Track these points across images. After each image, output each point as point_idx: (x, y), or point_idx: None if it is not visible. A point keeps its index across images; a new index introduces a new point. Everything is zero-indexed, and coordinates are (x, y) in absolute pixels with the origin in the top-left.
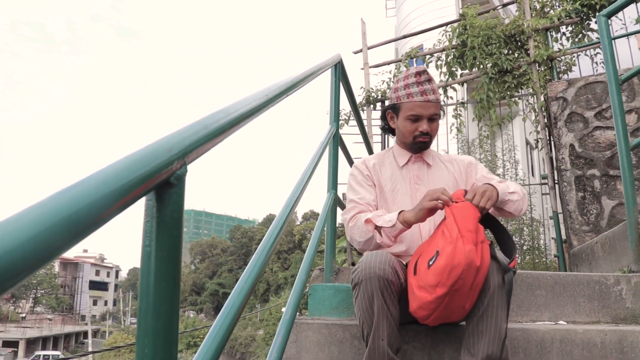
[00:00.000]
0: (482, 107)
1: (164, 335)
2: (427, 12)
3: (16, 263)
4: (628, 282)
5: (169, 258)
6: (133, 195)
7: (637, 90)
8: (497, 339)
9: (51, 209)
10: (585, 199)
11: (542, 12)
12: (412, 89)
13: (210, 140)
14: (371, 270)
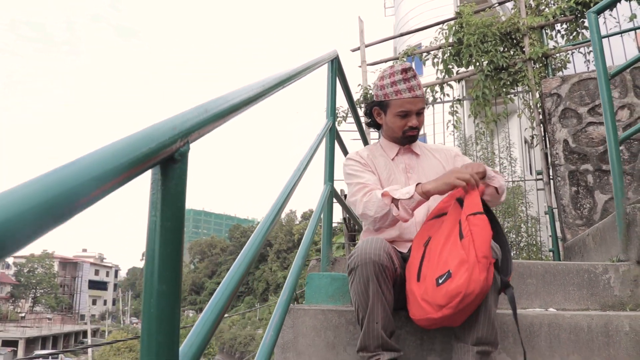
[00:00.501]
0: (478, 104)
1: (168, 296)
2: (425, 10)
3: (38, 218)
4: (616, 270)
5: (173, 227)
6: (140, 168)
7: (630, 87)
8: (488, 323)
9: (68, 174)
10: (579, 194)
11: (538, 10)
12: (399, 85)
13: (210, 123)
14: (367, 256)
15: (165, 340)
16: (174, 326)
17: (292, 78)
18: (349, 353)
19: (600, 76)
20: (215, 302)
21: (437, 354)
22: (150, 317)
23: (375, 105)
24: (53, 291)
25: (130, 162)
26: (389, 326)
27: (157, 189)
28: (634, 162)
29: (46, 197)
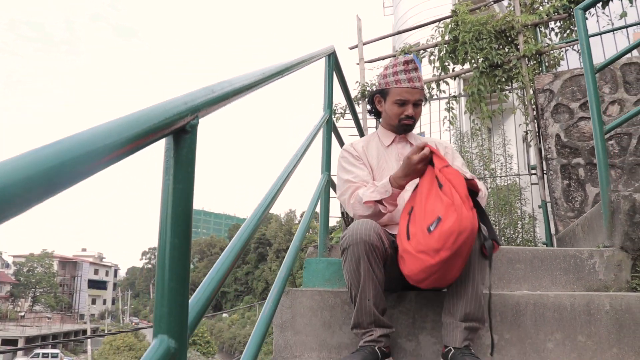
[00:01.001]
0: (474, 101)
1: (180, 248)
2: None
3: (68, 169)
4: (601, 256)
5: (184, 189)
6: (156, 136)
7: (620, 83)
8: (475, 300)
9: (93, 135)
10: (571, 187)
11: (532, 8)
12: (400, 75)
13: (216, 103)
14: (358, 236)
15: (177, 287)
16: (184, 275)
17: (290, 68)
18: (344, 332)
19: (586, 71)
20: (224, 258)
21: (427, 332)
22: (164, 266)
23: (377, 93)
24: (52, 290)
25: (147, 130)
26: (381, 303)
27: (170, 156)
28: (625, 155)
29: (71, 155)
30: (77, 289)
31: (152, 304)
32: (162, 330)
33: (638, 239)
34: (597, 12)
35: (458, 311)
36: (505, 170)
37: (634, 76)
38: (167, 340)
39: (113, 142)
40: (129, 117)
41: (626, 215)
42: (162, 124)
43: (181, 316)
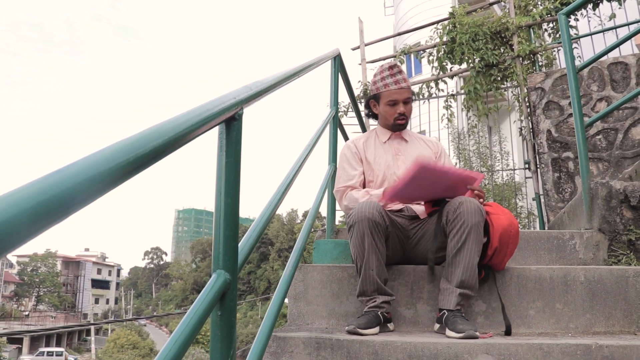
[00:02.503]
0: (470, 99)
1: (231, 206)
2: (423, 10)
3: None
4: (581, 237)
5: (233, 162)
6: (214, 124)
7: (607, 81)
8: (470, 269)
9: (171, 123)
10: (561, 179)
11: (526, 10)
12: (387, 80)
13: (254, 98)
14: (362, 214)
15: (230, 234)
16: (235, 226)
17: (304, 70)
18: (351, 301)
19: (569, 69)
20: (263, 213)
21: (424, 301)
22: (219, 219)
23: (371, 98)
24: (56, 290)
25: (207, 118)
26: (383, 274)
27: (223, 139)
28: (611, 149)
29: (158, 139)
30: (80, 289)
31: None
32: (219, 267)
33: (614, 221)
34: (588, 14)
35: (455, 278)
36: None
37: (620, 75)
38: (223, 274)
39: (186, 130)
40: (194, 111)
41: (603, 200)
42: (219, 114)
43: (233, 256)
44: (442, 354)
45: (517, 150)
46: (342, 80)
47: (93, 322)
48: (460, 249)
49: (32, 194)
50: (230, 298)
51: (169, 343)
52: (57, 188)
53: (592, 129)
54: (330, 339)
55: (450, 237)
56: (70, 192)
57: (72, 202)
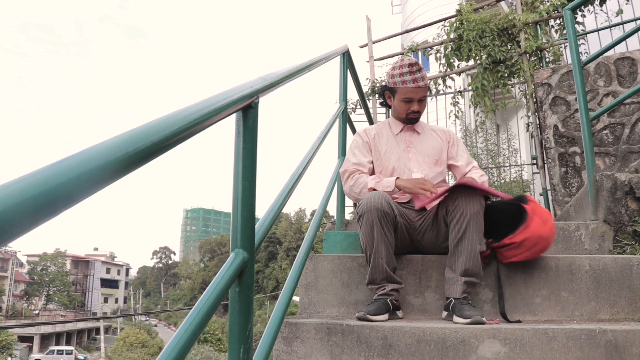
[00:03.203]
0: (478, 95)
1: (249, 188)
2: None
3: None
4: (586, 228)
5: (250, 148)
6: (232, 111)
7: (614, 76)
8: (473, 258)
9: (192, 108)
10: (568, 174)
11: (533, 7)
12: (405, 77)
13: (269, 88)
14: (371, 204)
15: (247, 215)
16: (252, 207)
17: (314, 64)
18: (361, 290)
19: (574, 63)
20: (279, 196)
21: (432, 290)
22: (237, 201)
23: (387, 89)
24: (66, 289)
25: (226, 105)
26: (391, 262)
27: (240, 125)
28: (618, 144)
29: (179, 124)
30: (89, 288)
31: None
32: (237, 246)
33: (619, 213)
34: (595, 10)
35: (459, 267)
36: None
37: (626, 70)
38: (241, 252)
39: (206, 115)
40: (214, 97)
41: (609, 192)
42: (237, 102)
43: (250, 236)
44: (449, 338)
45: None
46: (350, 76)
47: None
48: (462, 238)
49: (37, 182)
50: (248, 275)
51: (189, 317)
52: (77, 169)
53: (599, 124)
54: (341, 324)
55: (451, 227)
56: (91, 174)
57: (89, 185)
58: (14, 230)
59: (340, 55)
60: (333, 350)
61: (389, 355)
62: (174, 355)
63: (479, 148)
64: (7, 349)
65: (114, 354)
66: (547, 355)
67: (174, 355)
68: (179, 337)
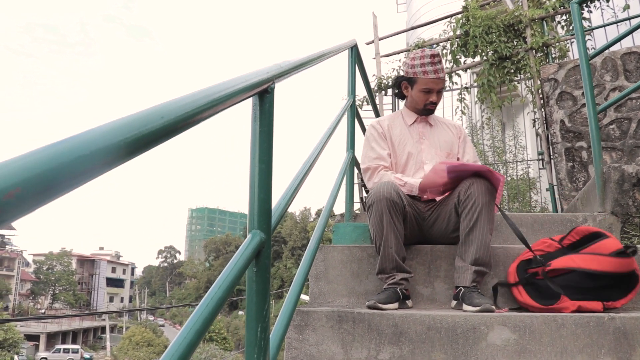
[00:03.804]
0: (484, 91)
1: (266, 171)
2: (436, 7)
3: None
4: (594, 219)
5: (266, 132)
6: (249, 94)
7: (620, 71)
8: (483, 247)
9: (211, 89)
10: (574, 168)
11: (539, 3)
12: (427, 67)
13: (284, 75)
14: (380, 194)
15: (264, 197)
16: (268, 189)
17: (326, 55)
18: (370, 280)
19: (581, 58)
20: (294, 180)
21: (441, 279)
22: (254, 183)
23: (404, 79)
24: (71, 288)
25: (243, 89)
26: (401, 252)
27: (257, 110)
28: (625, 139)
29: (196, 104)
30: (95, 287)
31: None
32: (254, 227)
33: (626, 204)
34: (602, 5)
35: (469, 256)
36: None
37: (633, 64)
38: (258, 233)
39: (225, 97)
40: (232, 80)
41: (616, 184)
42: (253, 85)
43: (267, 217)
44: (459, 325)
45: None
46: (358, 70)
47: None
48: (473, 228)
49: (44, 158)
50: (265, 255)
51: (208, 295)
52: (95, 145)
53: (606, 119)
54: (352, 312)
55: (463, 216)
56: (107, 151)
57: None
58: (22, 207)
59: (348, 49)
60: (344, 337)
61: (399, 342)
62: (198, 327)
63: (485, 145)
64: (14, 347)
65: (119, 352)
66: (556, 342)
67: (198, 326)
68: (199, 313)
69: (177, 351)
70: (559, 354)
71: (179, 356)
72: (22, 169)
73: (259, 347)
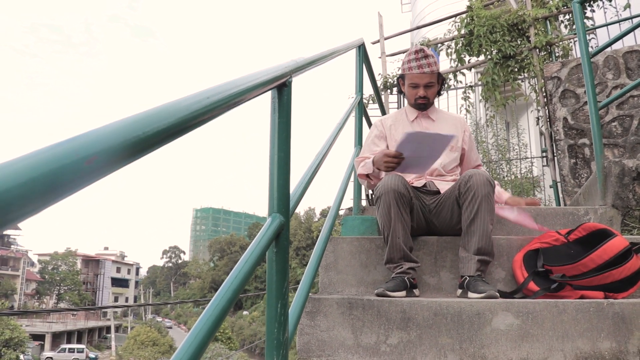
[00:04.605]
0: (488, 90)
1: (284, 158)
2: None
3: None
4: (595, 212)
5: (284, 122)
6: (269, 87)
7: (622, 69)
8: (485, 237)
9: (233, 83)
10: (577, 165)
11: (542, 3)
12: (412, 63)
13: (299, 70)
14: (388, 186)
15: (282, 182)
16: (287, 175)
17: (336, 52)
18: (378, 270)
19: (582, 55)
20: (309, 168)
21: (447, 269)
22: (273, 170)
23: (400, 77)
24: (76, 288)
25: (264, 82)
26: (408, 242)
27: (276, 102)
28: (627, 135)
29: (227, 94)
30: (100, 287)
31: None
32: (274, 210)
33: (627, 197)
34: (604, 5)
35: (472, 246)
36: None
37: (635, 63)
38: (278, 216)
39: (246, 89)
40: (253, 75)
41: (617, 178)
42: (273, 79)
43: (286, 201)
44: (465, 311)
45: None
46: (365, 69)
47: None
48: (474, 219)
49: (50, 157)
50: (284, 237)
51: (233, 272)
52: (114, 139)
53: (608, 116)
54: (362, 299)
55: (464, 208)
56: (129, 143)
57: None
58: (25, 209)
59: (356, 48)
60: (354, 323)
61: (407, 327)
62: (229, 295)
63: (489, 143)
64: (20, 346)
65: (124, 352)
66: (557, 327)
67: (228, 296)
68: (224, 291)
69: (208, 319)
70: (560, 338)
71: (211, 323)
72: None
73: (279, 321)
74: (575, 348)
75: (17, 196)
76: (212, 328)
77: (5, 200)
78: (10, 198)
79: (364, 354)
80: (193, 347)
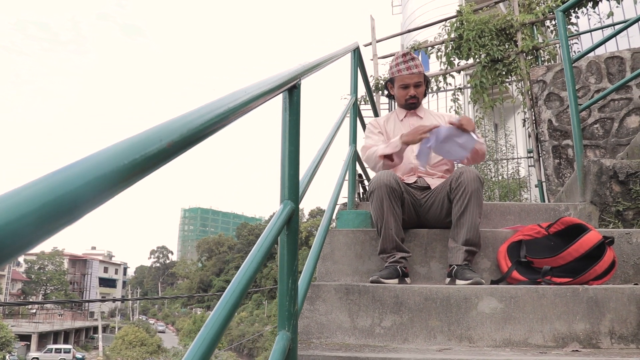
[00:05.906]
0: (477, 92)
1: (294, 152)
2: (430, 9)
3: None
4: (575, 208)
5: (294, 120)
6: (281, 90)
7: (604, 74)
8: (473, 229)
9: (249, 88)
10: (561, 165)
11: (529, 9)
12: (400, 66)
13: (306, 73)
14: (380, 181)
15: (292, 173)
16: (296, 165)
17: (335, 57)
18: (372, 261)
19: (565, 60)
20: (315, 158)
21: (437, 260)
22: (285, 162)
23: (388, 81)
24: (63, 288)
25: (278, 86)
26: (400, 233)
27: (286, 102)
28: (607, 137)
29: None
30: (87, 287)
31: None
32: (285, 197)
33: (604, 195)
34: (589, 12)
35: (460, 237)
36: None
37: (616, 68)
38: (289, 203)
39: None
40: (266, 80)
41: (595, 176)
42: (285, 82)
43: (296, 189)
44: (453, 296)
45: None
46: (359, 71)
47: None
48: (464, 212)
49: (47, 189)
50: (294, 221)
51: (251, 255)
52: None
53: (590, 119)
54: (358, 285)
55: (454, 202)
56: (149, 156)
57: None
58: (21, 244)
59: (351, 51)
60: (351, 307)
61: (399, 311)
62: (247, 277)
63: None
64: (6, 346)
65: (112, 352)
66: (537, 310)
67: (246, 278)
68: (241, 275)
69: (226, 304)
70: (539, 320)
71: (232, 303)
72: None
73: (290, 295)
74: (553, 329)
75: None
76: (235, 303)
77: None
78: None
79: (360, 335)
80: (218, 323)
